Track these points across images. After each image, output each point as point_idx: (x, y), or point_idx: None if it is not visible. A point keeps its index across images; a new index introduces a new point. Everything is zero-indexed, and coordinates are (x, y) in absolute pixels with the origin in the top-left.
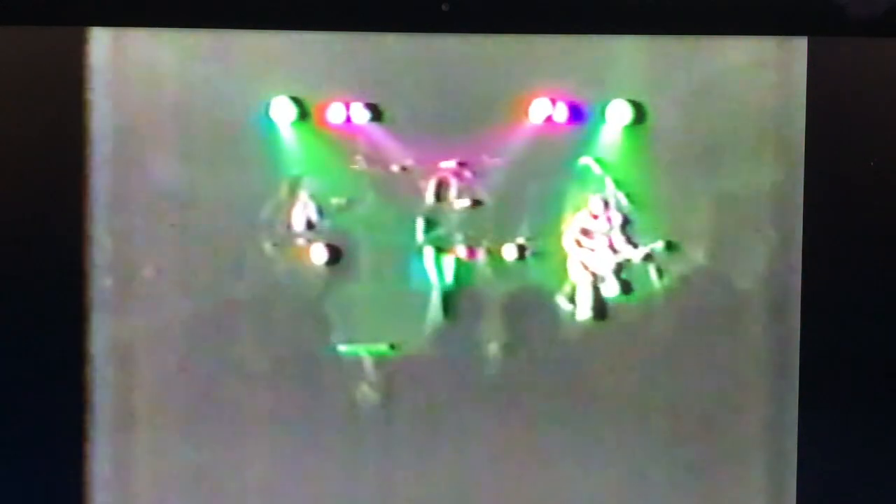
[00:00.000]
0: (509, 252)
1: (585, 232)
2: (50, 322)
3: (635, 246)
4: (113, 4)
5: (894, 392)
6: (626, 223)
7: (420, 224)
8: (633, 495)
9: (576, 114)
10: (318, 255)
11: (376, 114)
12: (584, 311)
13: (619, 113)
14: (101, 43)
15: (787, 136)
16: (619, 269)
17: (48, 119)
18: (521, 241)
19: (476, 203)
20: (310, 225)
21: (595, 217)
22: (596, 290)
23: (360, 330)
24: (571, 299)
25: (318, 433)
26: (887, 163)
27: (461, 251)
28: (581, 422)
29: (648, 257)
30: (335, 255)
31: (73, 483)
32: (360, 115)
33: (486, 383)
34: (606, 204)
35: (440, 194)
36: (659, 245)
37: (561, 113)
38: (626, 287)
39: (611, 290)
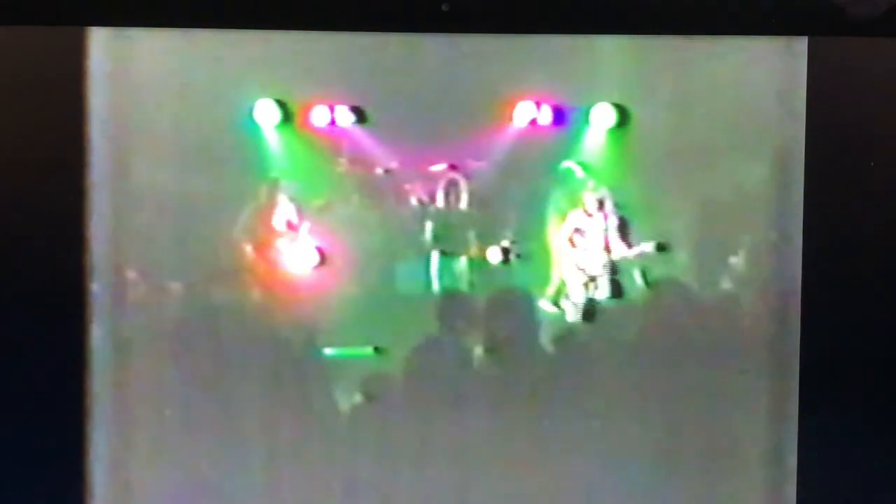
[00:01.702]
0: (494, 255)
1: (579, 231)
2: (48, 322)
3: (629, 246)
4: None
5: (894, 392)
6: (622, 224)
7: (405, 227)
8: (631, 496)
9: (560, 117)
10: (301, 257)
11: (360, 116)
12: (575, 313)
13: (603, 116)
14: (101, 43)
15: (787, 137)
16: (614, 269)
17: (47, 119)
18: (505, 244)
19: (461, 206)
20: (292, 227)
21: (590, 216)
22: (588, 290)
23: (344, 333)
24: (556, 302)
25: (305, 435)
26: (887, 163)
27: (447, 254)
28: (579, 423)
29: (643, 258)
30: (318, 257)
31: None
32: (345, 117)
33: (474, 387)
34: (601, 203)
35: (425, 198)
36: (650, 246)
37: (545, 116)
38: (621, 289)
39: (603, 291)
